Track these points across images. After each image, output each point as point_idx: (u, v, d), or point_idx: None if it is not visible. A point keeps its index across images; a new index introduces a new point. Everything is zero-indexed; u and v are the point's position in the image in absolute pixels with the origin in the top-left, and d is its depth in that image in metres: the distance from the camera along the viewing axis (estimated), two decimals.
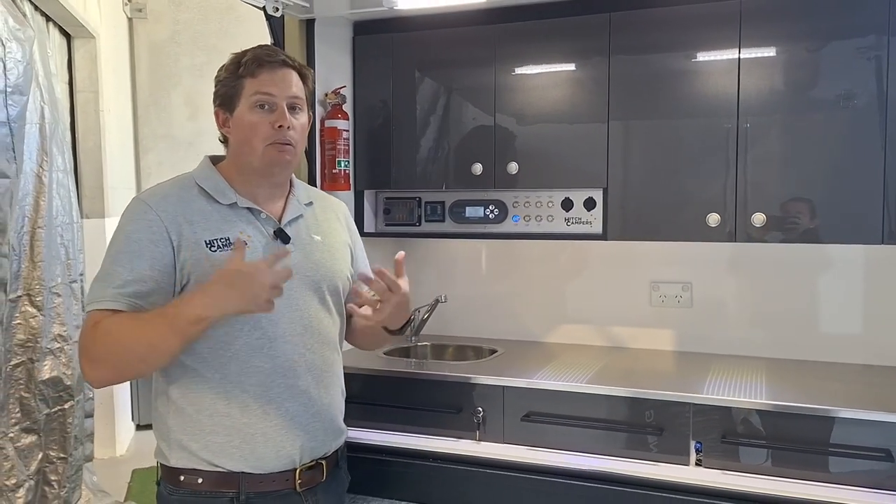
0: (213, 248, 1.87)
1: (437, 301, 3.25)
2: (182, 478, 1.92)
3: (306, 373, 1.98)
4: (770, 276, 3.00)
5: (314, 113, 2.92)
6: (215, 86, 1.98)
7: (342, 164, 3.05)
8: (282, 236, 1.97)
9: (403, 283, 2.00)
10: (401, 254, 2.01)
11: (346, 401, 2.17)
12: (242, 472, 1.90)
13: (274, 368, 1.92)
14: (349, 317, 2.18)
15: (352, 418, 2.16)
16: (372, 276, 2.03)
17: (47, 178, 3.84)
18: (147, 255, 1.82)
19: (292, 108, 1.95)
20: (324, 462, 2.04)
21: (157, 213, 1.85)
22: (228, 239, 1.89)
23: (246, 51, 1.97)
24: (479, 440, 2.61)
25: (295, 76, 1.97)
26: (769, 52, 2.63)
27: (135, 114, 6.07)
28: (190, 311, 1.72)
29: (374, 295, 1.99)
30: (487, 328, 3.41)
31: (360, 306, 2.06)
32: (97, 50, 5.10)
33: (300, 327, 1.97)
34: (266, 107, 1.92)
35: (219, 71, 1.98)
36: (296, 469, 1.96)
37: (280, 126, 1.91)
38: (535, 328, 3.36)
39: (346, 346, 2.24)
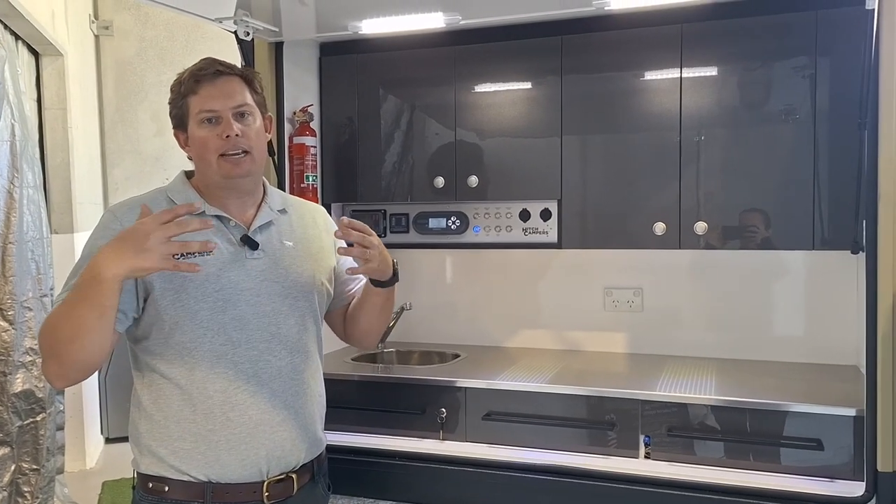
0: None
1: (402, 309, 3.36)
2: (150, 485, 1.91)
3: (272, 380, 1.94)
4: (716, 281, 3.18)
5: (283, 130, 3.06)
6: (169, 108, 1.98)
7: (310, 179, 3.16)
8: (249, 243, 1.95)
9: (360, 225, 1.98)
10: (343, 219, 1.98)
11: None
12: (208, 482, 1.88)
13: (237, 375, 1.90)
14: (345, 312, 2.22)
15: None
16: (360, 289, 2.15)
17: (18, 195, 3.90)
18: None
19: (241, 115, 1.93)
20: (294, 475, 1.99)
21: (121, 224, 1.85)
22: None
23: (186, 69, 1.96)
24: (443, 439, 2.74)
25: (237, 82, 1.94)
26: (709, 71, 2.82)
27: (102, 130, 6.09)
28: (88, 273, 1.67)
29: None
30: (451, 334, 3.53)
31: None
32: (65, 67, 5.14)
33: (267, 334, 1.94)
34: (212, 121, 1.90)
35: (170, 93, 1.98)
36: (263, 481, 1.93)
37: (227, 136, 1.89)
38: (497, 333, 3.50)
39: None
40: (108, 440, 5.75)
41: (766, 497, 2.33)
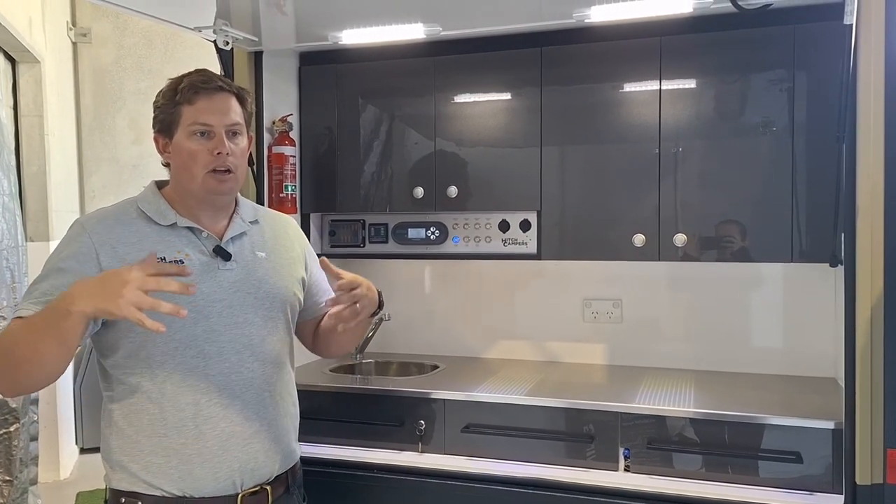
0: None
1: (381, 319, 3.33)
2: (123, 500, 1.89)
3: (244, 392, 1.93)
4: (696, 293, 3.18)
5: (262, 140, 3.05)
6: (154, 111, 1.97)
7: (289, 189, 3.14)
8: (221, 254, 1.94)
9: (351, 277, 1.97)
10: (323, 259, 2.02)
11: None
12: (182, 496, 1.86)
13: (209, 387, 1.89)
14: (316, 326, 2.22)
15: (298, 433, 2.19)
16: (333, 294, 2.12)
17: None
18: (71, 272, 1.79)
19: (231, 134, 1.93)
20: (269, 487, 1.97)
21: (89, 236, 1.85)
22: (164, 259, 1.87)
23: (182, 77, 1.94)
24: (421, 452, 2.73)
25: (233, 100, 1.95)
26: (688, 83, 2.83)
27: (79, 137, 6.05)
28: (58, 302, 1.65)
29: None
30: (430, 345, 3.52)
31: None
32: (42, 74, 5.11)
33: (239, 345, 1.93)
34: (204, 134, 1.90)
35: (157, 96, 1.97)
36: (238, 494, 1.91)
37: (219, 153, 1.89)
38: (476, 344, 3.49)
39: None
40: (82, 450, 5.69)
41: None
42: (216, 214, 2.01)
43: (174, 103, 1.92)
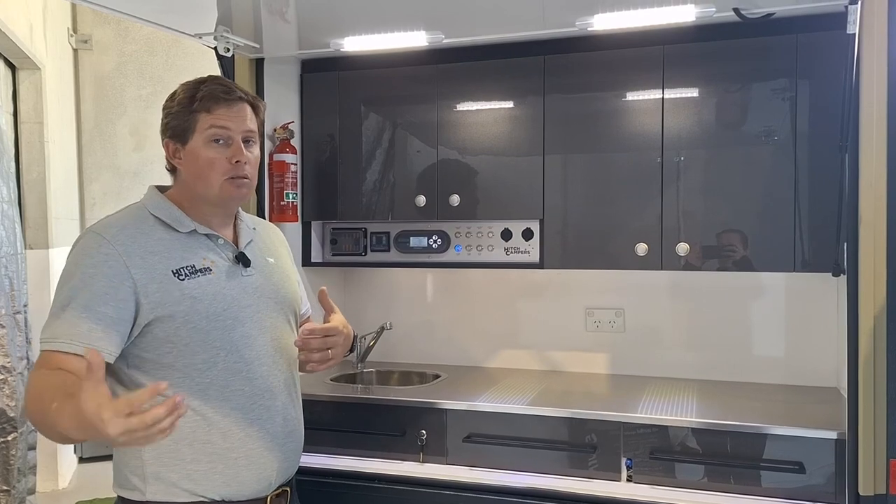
0: (180, 277, 1.84)
1: (382, 328, 3.34)
2: None
3: (281, 392, 1.99)
4: (698, 302, 3.18)
5: (263, 147, 3.04)
6: (165, 116, 1.95)
7: (290, 197, 3.14)
8: (243, 260, 1.98)
9: (335, 318, 2.04)
10: (322, 289, 2.07)
11: None
12: (221, 501, 1.89)
13: (253, 391, 1.92)
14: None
15: None
16: (309, 308, 2.18)
17: None
18: (103, 292, 1.76)
19: (246, 142, 1.95)
20: (288, 489, 2.05)
21: (114, 247, 1.80)
22: (194, 266, 1.88)
23: (199, 84, 1.93)
24: (423, 461, 2.71)
25: (249, 110, 1.97)
26: (691, 92, 2.83)
27: (79, 144, 6.04)
28: (89, 424, 1.44)
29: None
30: (431, 354, 3.51)
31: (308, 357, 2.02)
32: (42, 81, 5.11)
33: (272, 349, 1.98)
34: (221, 141, 1.90)
35: (168, 101, 1.95)
36: (267, 496, 1.96)
37: (237, 161, 1.91)
38: (478, 354, 3.48)
39: None
40: (81, 460, 5.67)
41: None
42: (224, 221, 2.03)
43: (190, 110, 1.91)
